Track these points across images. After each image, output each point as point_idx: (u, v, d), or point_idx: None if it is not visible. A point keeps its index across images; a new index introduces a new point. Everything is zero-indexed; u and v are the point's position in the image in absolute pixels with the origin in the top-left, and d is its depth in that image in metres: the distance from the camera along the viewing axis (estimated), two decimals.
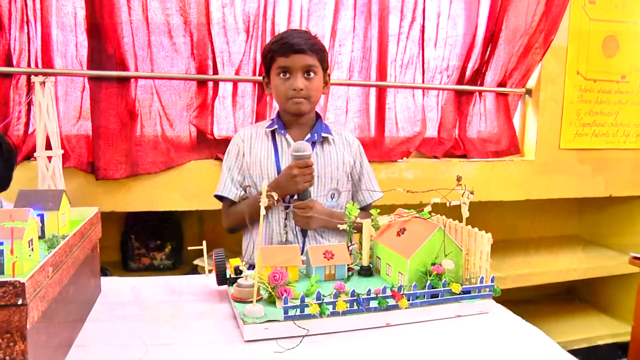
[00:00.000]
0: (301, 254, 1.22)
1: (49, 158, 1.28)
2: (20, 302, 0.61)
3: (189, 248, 1.15)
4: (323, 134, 1.55)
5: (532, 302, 2.84)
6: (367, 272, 1.16)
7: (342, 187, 1.56)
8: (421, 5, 2.16)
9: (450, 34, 2.27)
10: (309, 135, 1.54)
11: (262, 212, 0.93)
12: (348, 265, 1.14)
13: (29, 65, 1.75)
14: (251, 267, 1.48)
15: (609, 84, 2.50)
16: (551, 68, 2.39)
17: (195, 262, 2.11)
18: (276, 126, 1.54)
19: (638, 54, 2.53)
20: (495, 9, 2.26)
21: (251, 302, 0.95)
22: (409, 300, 0.98)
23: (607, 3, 2.43)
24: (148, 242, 2.20)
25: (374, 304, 0.96)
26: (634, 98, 2.57)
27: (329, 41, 2.06)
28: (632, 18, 2.49)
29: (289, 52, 1.45)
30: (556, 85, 2.41)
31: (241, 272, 1.08)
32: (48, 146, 1.26)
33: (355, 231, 1.22)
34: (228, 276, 1.09)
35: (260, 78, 1.96)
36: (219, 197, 1.57)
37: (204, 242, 1.11)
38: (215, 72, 1.95)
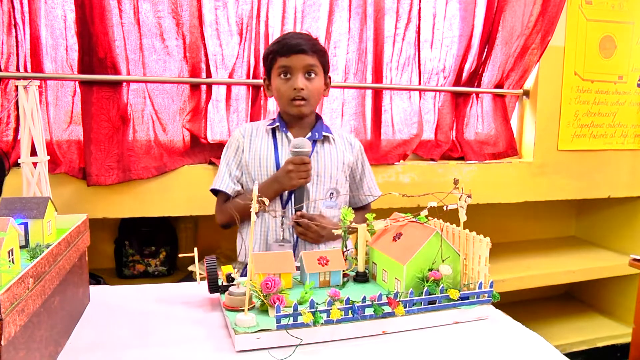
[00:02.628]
0: (294, 252, 1.19)
1: (35, 164, 1.25)
2: None
3: (180, 255, 1.13)
4: (324, 133, 1.56)
5: (531, 305, 2.83)
6: (362, 278, 1.13)
7: (340, 187, 1.57)
8: (417, 6, 2.14)
9: (446, 35, 2.25)
10: (309, 134, 1.55)
11: (253, 217, 0.91)
12: (343, 271, 1.12)
13: (17, 69, 1.72)
14: (246, 267, 1.46)
15: (606, 85, 2.49)
16: (548, 69, 2.37)
17: (190, 268, 2.08)
18: (277, 124, 1.56)
19: (635, 54, 2.52)
20: (492, 9, 2.24)
21: (243, 310, 0.92)
22: (405, 307, 0.95)
23: (603, 3, 2.41)
24: (142, 249, 2.17)
25: (369, 311, 0.93)
26: (632, 98, 2.56)
27: (324, 43, 2.04)
28: (629, 18, 2.48)
29: (290, 52, 1.46)
30: (553, 86, 2.39)
31: (233, 279, 1.06)
32: (35, 152, 1.22)
33: (349, 236, 1.20)
34: (220, 284, 1.07)
35: (254, 81, 1.95)
36: (215, 191, 1.57)
37: (195, 249, 1.09)
38: (209, 75, 1.92)
